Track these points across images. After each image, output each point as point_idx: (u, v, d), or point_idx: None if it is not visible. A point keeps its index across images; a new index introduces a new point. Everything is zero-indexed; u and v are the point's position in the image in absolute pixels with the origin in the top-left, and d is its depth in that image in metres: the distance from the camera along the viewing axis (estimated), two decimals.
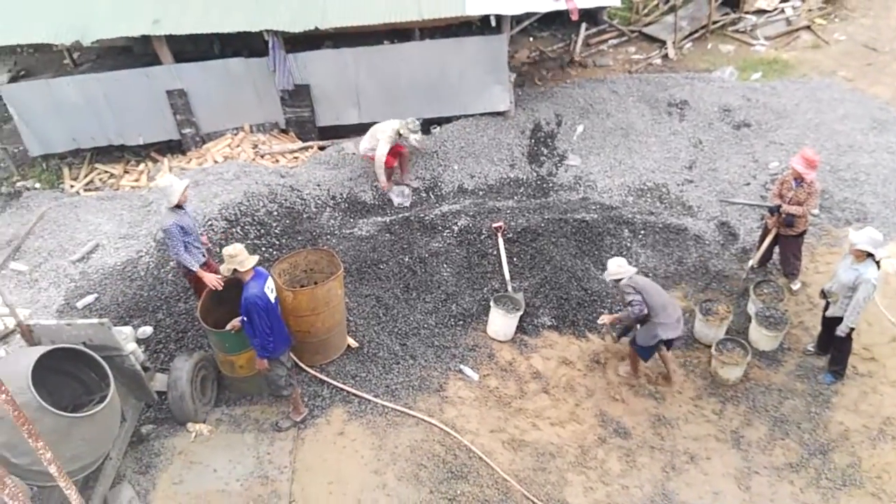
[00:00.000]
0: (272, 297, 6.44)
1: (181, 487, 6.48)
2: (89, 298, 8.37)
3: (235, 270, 6.31)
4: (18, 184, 11.59)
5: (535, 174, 10.43)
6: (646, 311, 7.02)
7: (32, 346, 6.21)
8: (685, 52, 13.81)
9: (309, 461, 6.76)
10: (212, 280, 7.09)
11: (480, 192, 10.08)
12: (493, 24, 10.49)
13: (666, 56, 13.66)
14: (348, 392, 7.37)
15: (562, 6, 9.96)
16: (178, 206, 7.15)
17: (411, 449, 6.87)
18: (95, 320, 6.14)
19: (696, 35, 14.16)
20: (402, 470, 6.67)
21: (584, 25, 14.10)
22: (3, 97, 10.94)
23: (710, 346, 7.85)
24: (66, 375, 6.22)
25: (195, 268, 7.22)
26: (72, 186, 11.32)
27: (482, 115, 11.03)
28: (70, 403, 6.17)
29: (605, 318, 7.52)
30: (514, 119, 11.05)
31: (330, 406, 7.25)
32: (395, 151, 9.87)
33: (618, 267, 7.18)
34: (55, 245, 9.39)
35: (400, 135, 9.76)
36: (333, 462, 6.74)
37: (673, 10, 14.20)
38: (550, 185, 10.33)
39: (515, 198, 9.88)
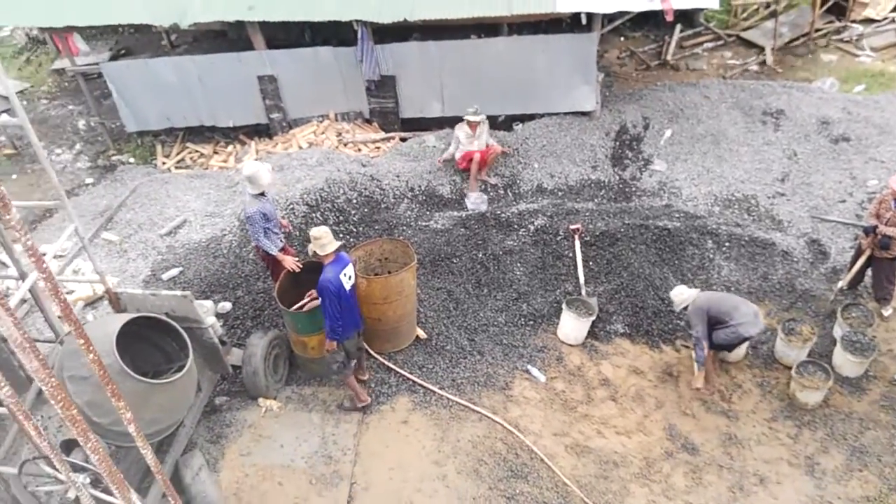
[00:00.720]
0: (347, 283, 6.69)
1: (248, 459, 6.86)
2: (174, 271, 8.89)
3: (316, 253, 6.62)
4: (114, 158, 12.35)
5: (617, 177, 10.43)
6: (705, 348, 7.29)
7: (119, 312, 6.65)
8: (784, 60, 13.49)
9: (372, 446, 7.03)
10: (290, 263, 7.44)
11: (560, 193, 10.15)
12: (584, 21, 10.52)
13: (763, 63, 13.38)
14: (414, 382, 7.60)
15: (657, 6, 9.90)
16: (262, 193, 7.51)
17: (473, 444, 7.04)
18: (179, 293, 6.50)
19: (796, 42, 13.80)
20: (463, 463, 6.86)
21: (678, 27, 13.94)
22: (104, 74, 11.63)
23: (790, 368, 7.70)
24: (149, 343, 6.62)
25: (274, 252, 7.58)
26: (163, 163, 11.97)
27: (566, 114, 11.07)
28: (150, 370, 6.57)
29: (699, 384, 7.59)
30: (599, 120, 11.06)
31: (396, 394, 7.51)
32: (475, 155, 10.06)
33: (680, 294, 7.42)
34: (145, 218, 9.98)
35: (469, 123, 9.96)
36: (396, 449, 6.99)
37: (774, 15, 13.87)
38: (633, 189, 10.31)
39: (595, 200, 9.91)
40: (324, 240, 6.57)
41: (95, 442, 4.44)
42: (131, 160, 12.26)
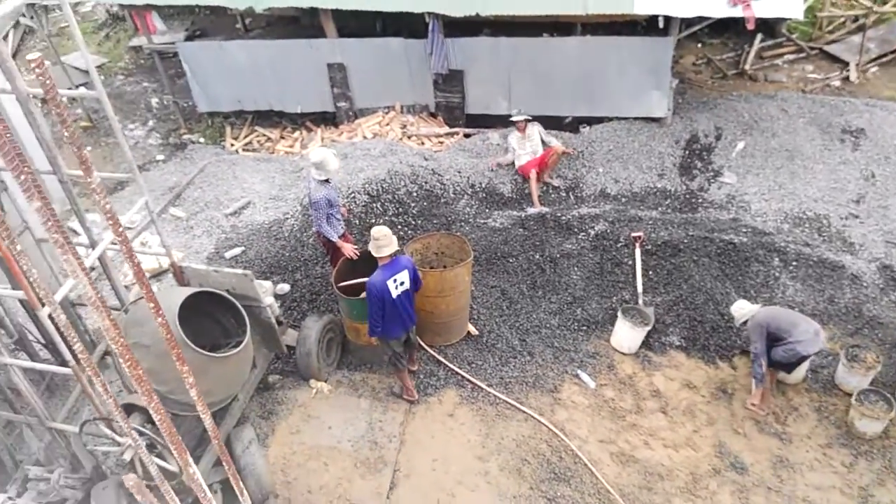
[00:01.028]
0: (395, 290, 6.76)
1: (297, 437, 7.13)
2: (236, 250, 9.24)
3: None
4: (184, 136, 12.84)
5: (684, 187, 10.39)
6: (764, 365, 7.24)
7: (182, 286, 6.97)
8: (869, 77, 13.16)
9: (417, 435, 7.23)
10: (349, 250, 7.69)
11: (623, 199, 10.17)
12: (661, 25, 10.48)
13: (846, 79, 13.08)
14: (463, 377, 7.77)
15: (738, 14, 9.81)
16: (327, 180, 7.76)
17: (517, 443, 7.17)
18: (240, 271, 6.76)
19: (884, 59, 13.45)
20: (506, 461, 6.99)
21: (759, 36, 13.74)
22: (179, 53, 12.10)
23: (850, 395, 7.59)
24: (209, 318, 6.92)
25: (335, 238, 7.83)
26: (232, 145, 12.40)
27: (636, 119, 11.05)
28: (209, 343, 6.88)
29: (755, 400, 7.59)
30: (669, 127, 11.01)
31: (444, 387, 7.69)
32: (539, 161, 10.19)
33: (740, 309, 7.40)
34: (212, 197, 10.39)
35: (516, 124, 10.10)
36: (440, 441, 7.17)
37: (861, 29, 13.56)
38: (700, 200, 10.25)
39: (660, 209, 9.90)
40: (381, 242, 6.72)
41: (158, 403, 4.71)
42: (201, 140, 12.73)
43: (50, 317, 5.31)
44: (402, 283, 6.83)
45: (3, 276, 7.42)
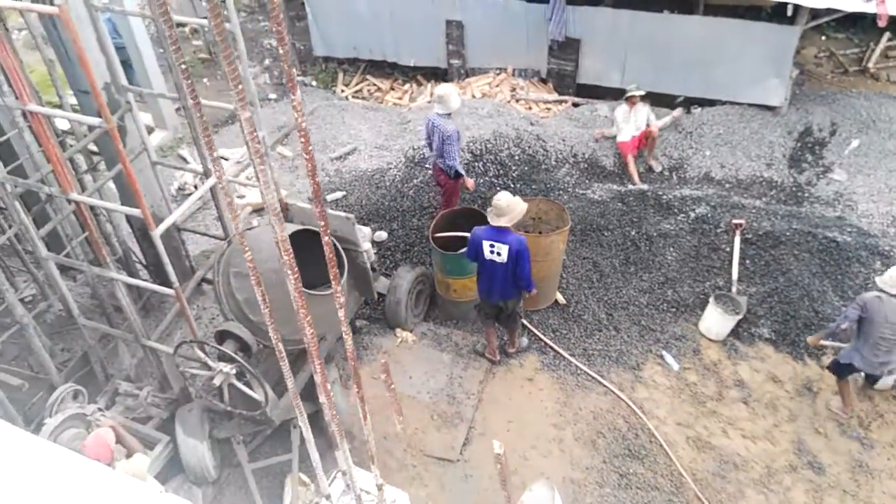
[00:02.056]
0: (488, 253, 6.55)
1: (378, 382, 7.10)
2: (338, 194, 9.24)
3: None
4: (298, 78, 12.86)
5: (791, 179, 9.76)
6: (843, 327, 6.62)
7: (286, 222, 7.02)
8: None
9: (495, 395, 7.11)
10: (471, 184, 8.07)
11: (727, 185, 9.64)
12: (789, 13, 9.80)
13: None
14: (546, 343, 7.58)
15: (871, 9, 9.06)
16: (449, 115, 7.75)
17: (594, 415, 6.96)
18: (343, 214, 6.69)
19: None
20: (581, 432, 6.81)
21: (887, 34, 12.71)
22: None
23: None
24: (308, 256, 6.94)
25: (462, 171, 7.94)
26: (342, 91, 12.37)
27: (750, 105, 10.42)
28: (305, 281, 6.89)
29: (811, 339, 7.25)
30: (783, 117, 10.34)
31: (526, 351, 7.52)
32: (637, 141, 9.80)
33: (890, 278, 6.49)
34: (319, 140, 10.39)
35: (628, 99, 9.69)
36: (518, 403, 7.03)
37: None
38: (806, 195, 9.63)
39: (764, 199, 9.34)
40: (496, 210, 6.43)
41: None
42: (313, 83, 12.74)
43: (160, 237, 5.41)
44: (497, 253, 6.56)
45: (113, 195, 7.61)
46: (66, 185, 5.37)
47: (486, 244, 6.55)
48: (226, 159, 10.24)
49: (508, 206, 6.41)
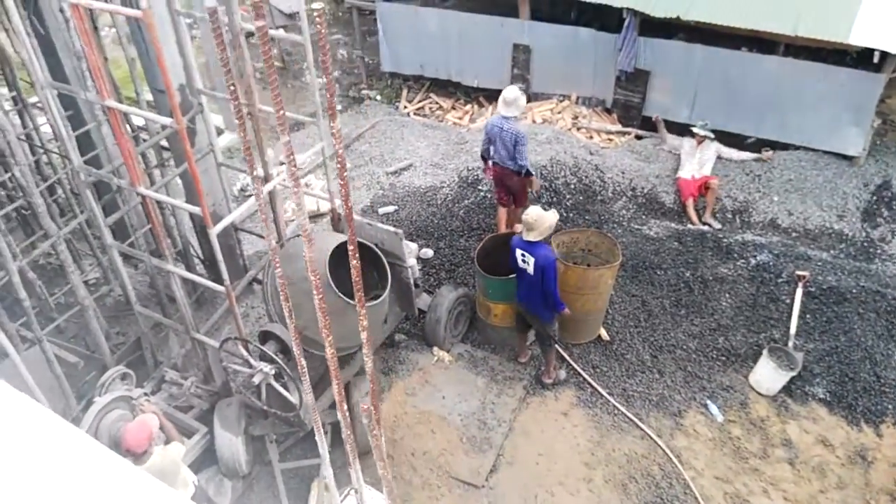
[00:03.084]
0: (520, 262, 6.78)
1: (410, 399, 7.13)
2: (389, 208, 9.37)
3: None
4: (363, 91, 13.18)
5: (864, 234, 9.45)
6: None
7: (336, 232, 7.13)
8: None
9: (527, 426, 7.04)
10: (537, 184, 8.57)
11: (793, 234, 9.40)
12: (875, 60, 9.57)
13: None
14: (584, 379, 7.48)
15: None
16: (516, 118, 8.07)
17: (628, 459, 6.82)
18: (392, 228, 6.84)
19: None
20: (613, 474, 6.68)
21: None
22: (377, 12, 12.36)
23: None
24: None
25: (532, 170, 8.23)
26: (405, 107, 12.60)
27: (825, 152, 10.18)
28: (348, 291, 7.00)
29: None
30: (861, 168, 10.04)
31: (563, 385, 7.44)
32: (702, 184, 9.67)
33: None
34: (377, 153, 10.59)
35: (693, 135, 9.66)
36: (550, 437, 6.95)
37: None
38: (879, 251, 9.31)
39: (832, 252, 9.07)
40: (526, 225, 6.63)
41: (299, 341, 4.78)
42: (378, 97, 13.00)
43: (217, 236, 5.64)
44: (526, 263, 6.75)
45: (179, 191, 7.94)
46: (135, 179, 5.69)
47: (518, 252, 6.76)
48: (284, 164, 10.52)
49: (536, 221, 6.56)
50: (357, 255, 3.10)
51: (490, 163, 8.42)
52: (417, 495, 6.44)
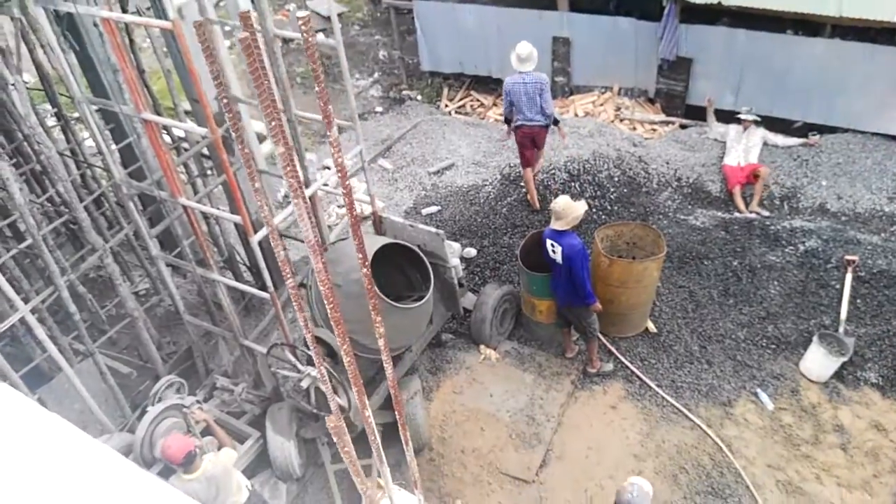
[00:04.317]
0: (550, 252, 7.09)
1: (459, 398, 7.48)
2: (433, 209, 9.72)
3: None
4: (404, 92, 13.55)
5: None
6: None
7: (379, 234, 7.47)
8: None
9: (576, 420, 7.32)
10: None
11: (843, 218, 9.45)
12: None
13: None
14: (632, 371, 7.72)
15: None
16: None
17: (678, 449, 7.05)
18: (433, 230, 7.13)
19: None
20: (663, 465, 6.91)
21: None
22: (414, 11, 12.71)
23: None
24: (397, 269, 7.39)
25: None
26: (446, 106, 12.93)
27: (874, 134, 10.17)
28: (393, 294, 7.33)
29: None
30: None
31: (611, 378, 7.70)
32: (750, 172, 9.77)
33: None
34: (419, 154, 10.94)
35: (739, 121, 9.81)
36: (598, 430, 7.22)
37: None
38: None
39: (883, 235, 9.10)
40: (554, 214, 6.91)
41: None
42: (418, 97, 13.36)
43: (259, 244, 5.94)
44: (555, 253, 7.02)
45: (222, 200, 8.33)
46: (176, 191, 6.02)
47: (548, 242, 7.04)
48: (328, 168, 10.94)
49: (564, 210, 6.81)
50: (368, 262, 3.35)
51: (514, 126, 8.92)
52: (469, 492, 6.78)
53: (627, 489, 4.94)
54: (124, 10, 6.96)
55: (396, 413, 4.45)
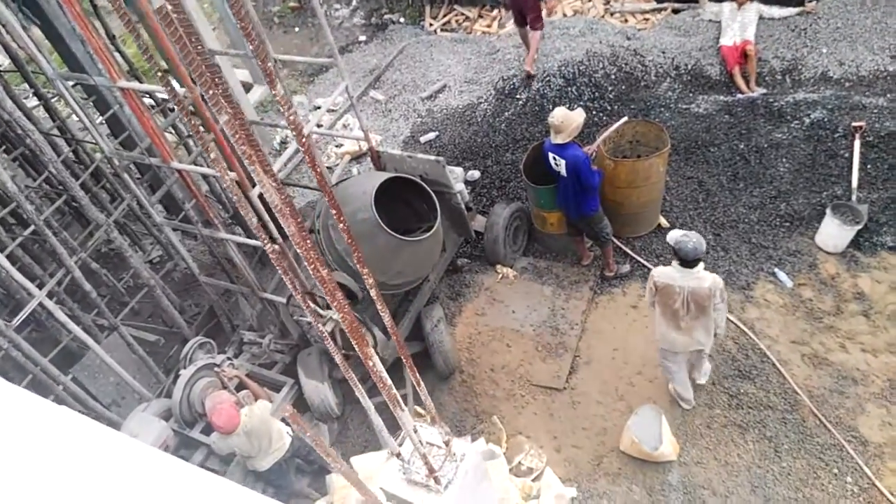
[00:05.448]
0: (554, 165, 7.19)
1: (482, 319, 7.79)
2: (431, 135, 9.83)
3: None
4: (386, 16, 13.43)
5: None
6: None
7: (379, 170, 7.56)
8: None
9: (599, 325, 7.61)
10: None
11: (846, 84, 9.45)
12: None
13: None
14: (649, 269, 7.93)
15: None
16: None
17: None
18: (433, 157, 7.21)
19: None
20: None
21: None
22: None
23: None
24: (402, 202, 7.57)
25: None
26: (431, 24, 12.82)
27: None
28: (402, 227, 7.52)
29: None
30: None
31: (628, 279, 7.94)
32: (738, 54, 9.72)
33: None
34: (409, 80, 10.97)
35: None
36: (622, 331, 7.51)
37: None
38: None
39: (888, 96, 9.10)
40: (553, 127, 6.94)
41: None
42: (401, 20, 13.26)
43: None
44: (558, 166, 7.13)
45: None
46: (166, 155, 6.09)
47: (550, 156, 7.15)
48: (319, 108, 11.04)
49: (563, 123, 6.85)
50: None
51: None
52: (504, 406, 7.15)
53: (685, 239, 5.74)
54: None
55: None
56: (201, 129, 3.72)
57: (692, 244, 5.68)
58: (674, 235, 5.91)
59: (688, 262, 5.78)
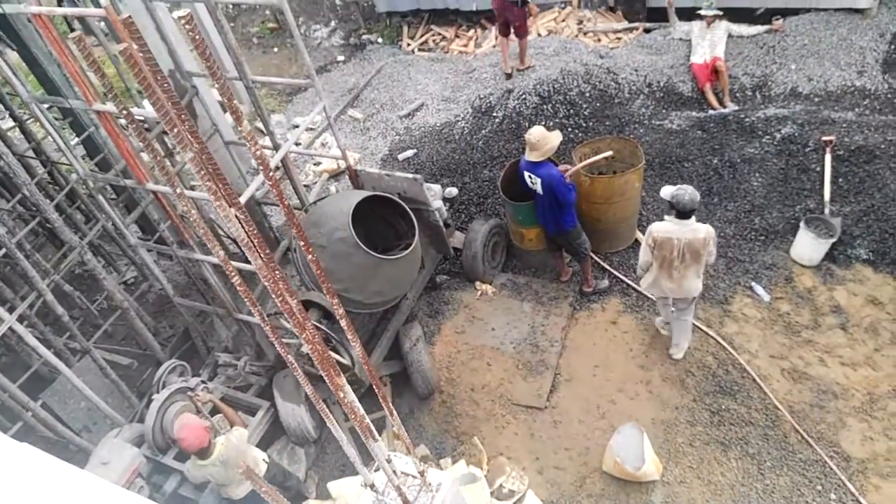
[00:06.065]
0: (530, 183, 6.89)
1: (461, 337, 7.37)
2: (409, 153, 9.44)
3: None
4: (364, 36, 13.06)
5: (886, 86, 9.14)
6: None
7: (357, 189, 7.22)
8: None
9: (579, 341, 7.23)
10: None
11: (815, 99, 9.19)
12: None
13: None
14: (628, 284, 7.60)
15: None
16: None
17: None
18: (411, 175, 6.89)
19: None
20: (668, 372, 6.85)
21: None
22: None
23: None
24: (380, 220, 7.19)
25: None
26: (408, 45, 12.47)
27: (836, 10, 9.75)
28: (381, 245, 7.16)
29: None
30: (874, 19, 9.59)
31: (608, 294, 7.58)
32: (709, 70, 9.46)
33: None
34: (387, 98, 10.59)
35: (702, 17, 9.47)
36: (602, 347, 7.14)
37: None
38: None
39: (857, 110, 8.86)
40: (529, 145, 6.67)
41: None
42: (379, 40, 12.89)
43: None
44: (533, 183, 6.85)
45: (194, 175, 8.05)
46: (141, 177, 5.73)
47: (526, 174, 6.85)
48: (297, 127, 10.61)
49: (539, 142, 6.59)
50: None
51: None
52: (484, 427, 6.73)
53: (681, 192, 5.89)
54: (60, 3, 6.59)
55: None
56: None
57: (688, 196, 5.84)
58: (668, 190, 6.04)
59: (685, 213, 5.91)
